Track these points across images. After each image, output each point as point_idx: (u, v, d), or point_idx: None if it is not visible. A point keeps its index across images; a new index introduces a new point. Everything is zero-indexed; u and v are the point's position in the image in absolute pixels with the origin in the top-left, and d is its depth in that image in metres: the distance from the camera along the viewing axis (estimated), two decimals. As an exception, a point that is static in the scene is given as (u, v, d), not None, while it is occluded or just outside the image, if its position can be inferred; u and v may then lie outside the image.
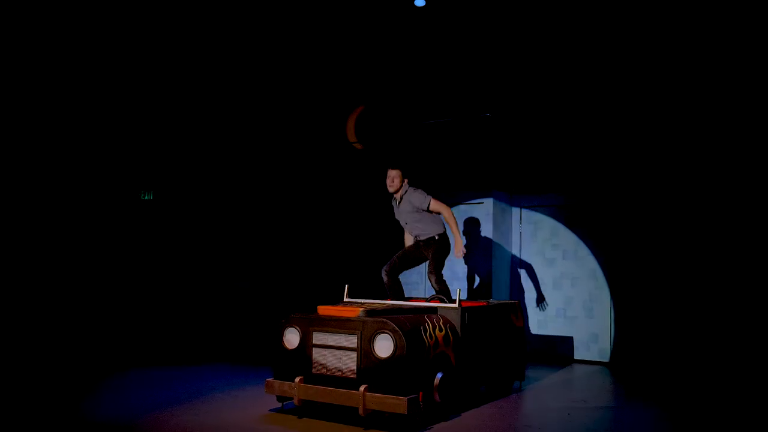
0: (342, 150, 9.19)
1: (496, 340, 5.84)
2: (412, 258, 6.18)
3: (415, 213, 6.06)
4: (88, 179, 8.67)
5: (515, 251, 8.32)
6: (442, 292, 5.95)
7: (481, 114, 8.22)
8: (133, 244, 9.12)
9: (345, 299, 5.74)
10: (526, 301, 8.21)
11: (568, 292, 8.01)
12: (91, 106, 8.54)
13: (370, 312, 4.85)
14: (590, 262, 7.90)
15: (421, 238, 6.10)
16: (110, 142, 8.89)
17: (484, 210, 7.96)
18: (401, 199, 6.11)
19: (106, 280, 8.80)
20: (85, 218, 8.62)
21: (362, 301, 5.65)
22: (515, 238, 8.33)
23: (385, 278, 6.07)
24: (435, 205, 6.00)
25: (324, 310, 5.02)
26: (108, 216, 8.90)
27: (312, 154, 9.35)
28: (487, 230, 7.92)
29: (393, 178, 6.06)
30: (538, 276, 8.17)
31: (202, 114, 9.32)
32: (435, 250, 6.06)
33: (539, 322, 8.13)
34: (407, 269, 6.23)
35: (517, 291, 8.28)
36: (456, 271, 8.04)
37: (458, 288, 6.66)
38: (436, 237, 6.07)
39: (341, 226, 9.24)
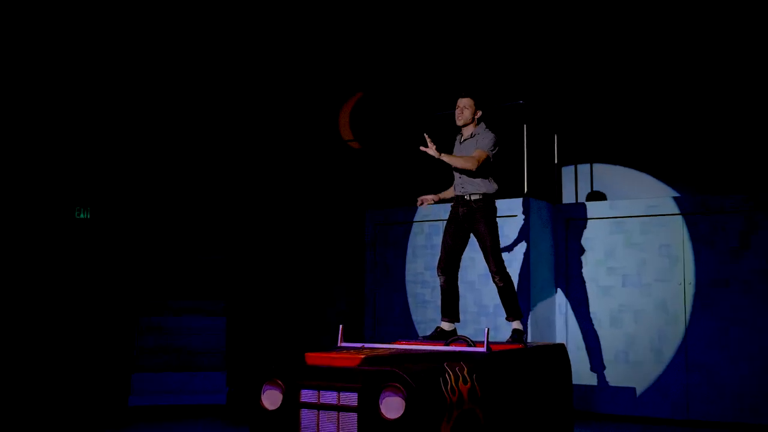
0: (333, 152, 9.33)
1: (536, 393, 5.87)
2: (458, 237, 6.37)
3: None
4: (15, 195, 9.02)
5: (560, 277, 8.40)
6: (506, 289, 6.20)
7: (510, 101, 8.37)
8: (66, 269, 9.41)
9: (340, 343, 5.77)
10: (575, 343, 8.28)
11: (629, 330, 8.07)
12: (17, 110, 8.95)
13: (374, 360, 4.86)
14: (659, 290, 7.97)
15: (470, 194, 6.27)
16: (40, 153, 9.21)
17: (517, 225, 8.03)
18: (468, 137, 6.32)
19: (33, 310, 9.17)
20: (9, 240, 8.95)
21: (362, 345, 5.70)
22: (560, 260, 8.40)
23: (440, 279, 6.38)
24: (481, 154, 6.15)
25: (314, 358, 5.04)
26: (37, 237, 9.20)
27: (290, 163, 9.74)
28: (521, 251, 7.98)
29: (462, 109, 6.28)
30: (591, 309, 8.24)
31: (152, 112, 9.77)
32: (485, 217, 6.22)
33: (592, 369, 8.18)
34: (460, 256, 6.42)
35: (563, 329, 8.35)
36: (483, 303, 8.12)
37: (486, 327, 6.72)
38: (488, 195, 6.24)
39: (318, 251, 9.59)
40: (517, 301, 6.37)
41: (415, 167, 6.33)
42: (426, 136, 6.08)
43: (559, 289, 8.41)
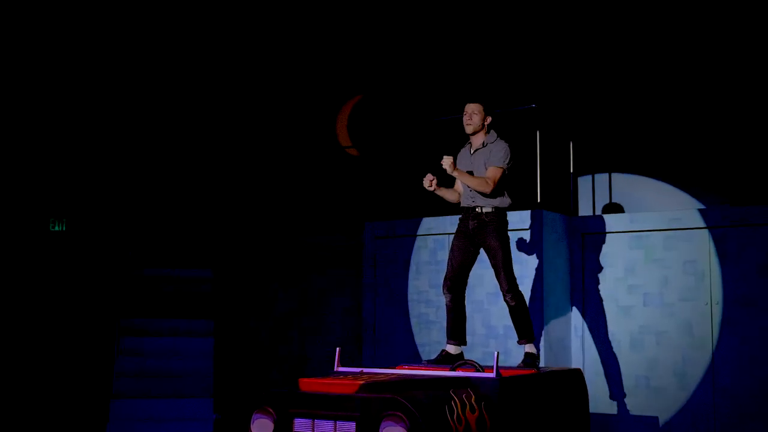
0: (329, 159, 9.37)
1: (550, 422, 5.84)
2: (467, 252, 6.42)
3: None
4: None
5: (575, 296, 8.41)
6: (518, 309, 6.24)
7: (522, 105, 8.41)
8: (39, 284, 9.47)
9: (336, 368, 5.78)
10: (592, 368, 8.27)
11: (651, 353, 8.07)
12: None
13: (374, 386, 4.84)
14: (683, 310, 7.98)
15: (481, 207, 6.31)
16: (14, 163, 9.35)
17: (529, 238, 8.03)
18: (479, 146, 6.37)
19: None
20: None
21: (361, 370, 5.69)
22: (575, 278, 8.41)
23: (446, 297, 6.41)
24: (496, 173, 6.23)
25: (308, 384, 5.03)
26: (9, 250, 9.29)
27: (282, 172, 9.91)
28: (534, 267, 7.98)
29: (471, 115, 6.31)
30: (609, 331, 8.24)
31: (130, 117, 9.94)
32: (497, 231, 6.27)
33: (611, 396, 8.17)
34: (468, 273, 6.46)
35: (579, 353, 8.36)
36: (492, 324, 8.13)
37: (496, 350, 6.66)
38: (500, 209, 6.31)
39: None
40: (530, 322, 6.39)
41: (418, 176, 6.36)
42: (447, 159, 6.17)
43: (574, 309, 8.41)
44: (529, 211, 8.03)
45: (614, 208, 8.97)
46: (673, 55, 8.59)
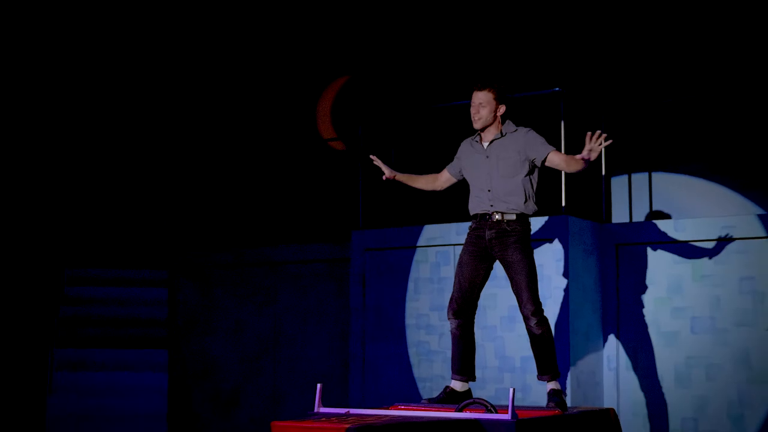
0: (309, 154, 9.46)
1: (579, 475, 5.95)
2: (478, 268, 6.40)
3: (513, 170, 6.26)
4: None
5: (608, 321, 8.37)
6: (543, 338, 6.19)
7: (543, 89, 8.38)
8: None
9: (317, 409, 5.78)
10: (629, 407, 8.23)
11: (700, 390, 8.00)
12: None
13: (364, 430, 4.83)
14: (739, 337, 7.94)
15: (502, 213, 6.28)
16: None
17: (553, 251, 8.02)
18: (497, 137, 6.34)
19: None
20: None
21: (347, 411, 5.72)
22: (608, 298, 8.35)
23: (452, 323, 6.40)
24: (558, 158, 6.27)
25: (283, 428, 5.08)
26: None
27: (252, 168, 10.15)
28: (558, 286, 7.98)
29: (478, 107, 6.27)
30: (649, 363, 8.19)
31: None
32: (522, 243, 6.26)
33: (652, 443, 8.22)
34: (479, 293, 6.47)
35: (613, 389, 8.30)
36: (507, 355, 8.10)
37: (511, 387, 6.60)
38: (524, 217, 6.31)
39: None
40: (554, 353, 6.33)
41: (417, 172, 6.28)
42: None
43: (608, 337, 8.38)
44: (552, 218, 8.03)
45: (657, 214, 8.99)
46: (728, 25, 8.57)
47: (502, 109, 6.31)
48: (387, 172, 6.66)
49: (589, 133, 6.09)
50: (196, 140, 10.89)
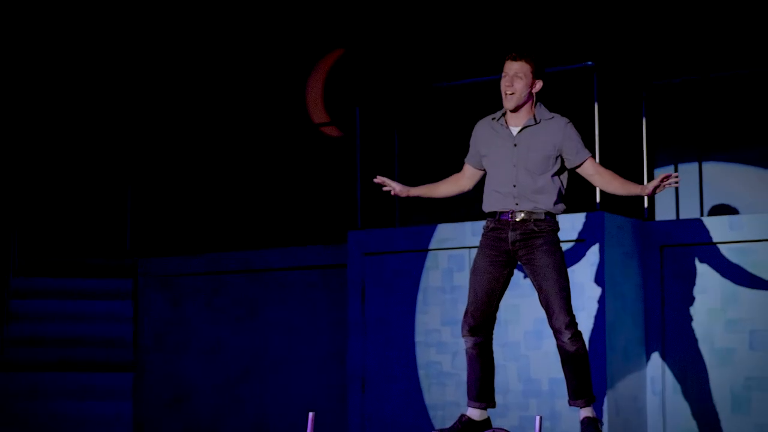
0: (299, 142, 9.51)
1: None
2: (497, 276, 6.37)
3: (545, 165, 6.26)
4: None
5: (652, 337, 8.38)
6: (577, 356, 6.14)
7: (574, 63, 8.41)
8: None
9: None
10: None
11: (763, 417, 7.96)
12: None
13: None
14: None
15: (529, 212, 6.26)
16: None
17: (586, 256, 8.05)
18: (527, 124, 6.30)
19: None
20: None
21: None
22: (652, 309, 8.35)
23: (468, 341, 6.34)
24: (592, 168, 6.32)
25: None
26: None
27: (234, 158, 10.34)
28: (592, 295, 7.97)
29: (512, 78, 6.21)
30: (702, 385, 8.16)
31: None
32: (553, 245, 6.26)
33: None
34: (498, 304, 6.46)
35: (658, 416, 8.30)
36: (533, 377, 8.10)
37: (538, 414, 6.66)
38: (553, 216, 6.32)
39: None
40: (589, 374, 6.28)
41: (423, 160, 6.23)
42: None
43: (651, 355, 8.37)
44: (584, 215, 8.05)
45: (706, 209, 9.02)
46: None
47: (539, 85, 6.23)
48: (398, 189, 6.67)
49: (663, 174, 6.09)
50: (164, 125, 11.03)
